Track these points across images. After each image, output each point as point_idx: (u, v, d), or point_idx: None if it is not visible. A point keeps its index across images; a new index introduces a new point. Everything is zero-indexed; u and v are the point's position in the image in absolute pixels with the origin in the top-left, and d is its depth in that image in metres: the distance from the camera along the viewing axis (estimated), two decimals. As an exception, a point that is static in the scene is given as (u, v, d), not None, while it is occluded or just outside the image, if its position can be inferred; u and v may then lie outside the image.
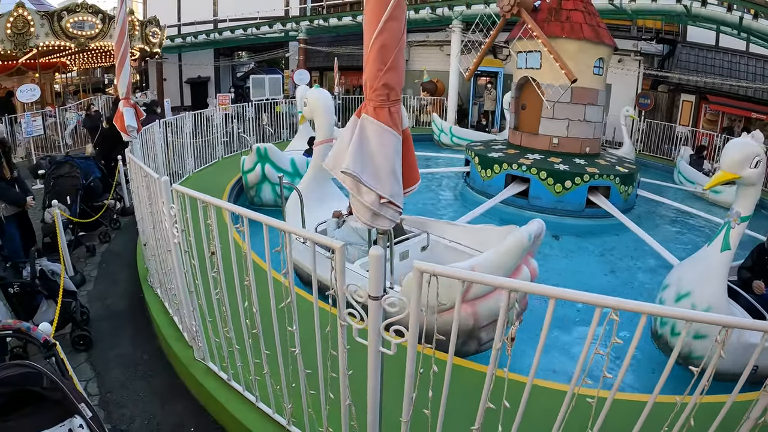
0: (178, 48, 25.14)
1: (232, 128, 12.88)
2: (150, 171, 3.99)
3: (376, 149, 1.92)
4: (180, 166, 10.01)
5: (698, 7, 14.91)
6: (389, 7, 1.81)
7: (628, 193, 9.45)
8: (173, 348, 4.23)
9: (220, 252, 3.00)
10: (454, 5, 18.64)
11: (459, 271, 1.90)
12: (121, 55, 6.13)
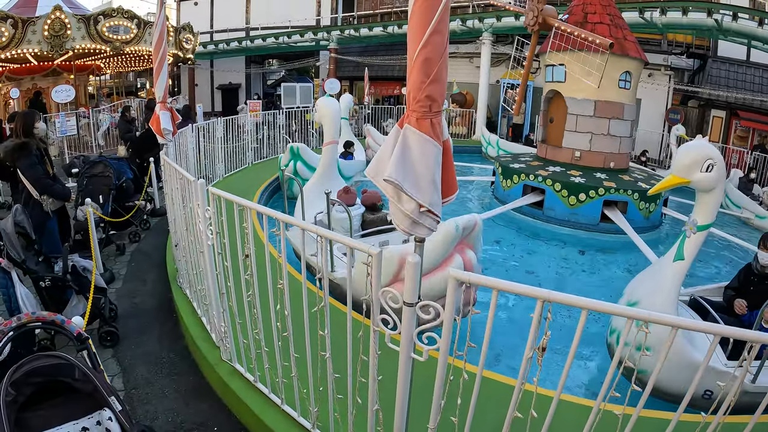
0: (210, 54, 25.62)
1: (263, 135, 13.04)
2: (186, 173, 4.08)
3: (417, 159, 1.96)
4: (210, 171, 10.18)
5: (729, 21, 14.81)
6: (434, 21, 1.86)
7: (650, 211, 9.24)
8: (200, 348, 4.28)
9: (254, 255, 3.05)
10: (485, 17, 18.75)
11: (491, 279, 1.92)
12: (159, 60, 6.25)
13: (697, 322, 1.86)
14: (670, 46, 20.01)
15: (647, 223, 9.28)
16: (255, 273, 3.09)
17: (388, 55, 23.47)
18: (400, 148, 1.96)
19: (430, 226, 2.02)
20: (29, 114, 5.61)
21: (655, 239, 9.11)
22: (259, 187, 9.67)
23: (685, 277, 4.17)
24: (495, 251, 8.40)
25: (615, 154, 9.95)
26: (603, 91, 9.61)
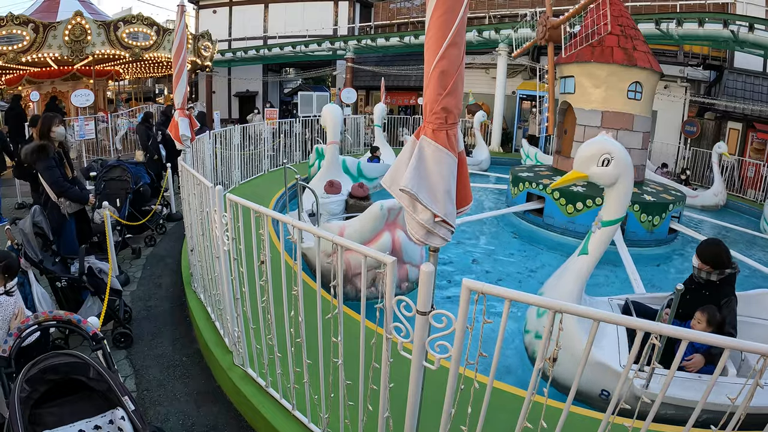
0: (228, 62, 25.87)
1: (279, 142, 13.15)
2: (204, 179, 4.13)
3: (433, 169, 1.99)
4: (227, 177, 10.28)
5: (745, 32, 14.66)
6: (450, 34, 1.90)
7: (654, 224, 9.01)
8: (213, 352, 4.32)
9: (270, 261, 3.09)
10: (501, 29, 18.75)
11: (503, 289, 1.94)
12: (179, 67, 6.36)
13: (588, 310, 1.88)
14: (686, 57, 19.87)
15: (650, 237, 9.10)
16: (270, 279, 3.13)
17: (405, 65, 23.56)
18: (417, 159, 1.99)
19: (444, 236, 2.05)
20: (48, 117, 5.70)
21: (657, 255, 8.99)
22: (275, 194, 9.73)
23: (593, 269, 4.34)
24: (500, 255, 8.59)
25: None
26: (610, 102, 9.61)
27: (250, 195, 9.46)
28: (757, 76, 18.81)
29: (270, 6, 26.95)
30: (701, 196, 13.52)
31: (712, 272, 4.15)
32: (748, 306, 4.64)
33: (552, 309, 1.83)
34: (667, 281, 7.58)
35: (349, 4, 26.07)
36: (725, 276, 4.14)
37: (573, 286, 4.23)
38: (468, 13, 9.12)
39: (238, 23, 27.38)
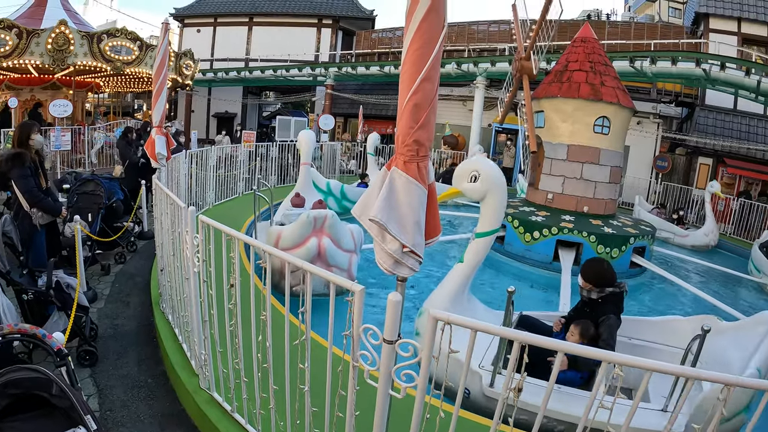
0: (208, 82, 25.88)
1: (255, 166, 13.10)
2: (177, 199, 4.11)
3: (403, 201, 2.02)
4: (201, 198, 10.20)
5: (717, 71, 15.24)
6: (425, 69, 1.95)
7: (612, 257, 9.09)
8: (179, 374, 4.24)
9: (239, 285, 3.08)
10: (480, 62, 19.14)
11: (469, 320, 1.96)
12: (159, 85, 6.36)
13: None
14: (659, 94, 20.60)
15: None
16: (239, 303, 3.11)
17: (383, 94, 23.82)
18: (387, 190, 2.02)
19: (412, 266, 2.07)
20: (26, 125, 5.62)
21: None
22: (248, 217, 9.60)
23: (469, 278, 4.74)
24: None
25: (590, 198, 10.00)
26: (576, 136, 9.82)
27: (223, 217, 9.33)
28: (728, 113, 19.55)
29: (254, 29, 27.16)
30: (692, 236, 13.55)
31: (593, 290, 4.36)
32: (656, 331, 4.93)
33: (517, 341, 1.85)
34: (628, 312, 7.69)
35: (331, 31, 26.39)
36: (606, 294, 4.33)
37: (448, 291, 4.63)
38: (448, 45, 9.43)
39: (221, 43, 27.48)
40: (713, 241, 13.45)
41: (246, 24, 27.22)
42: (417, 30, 1.99)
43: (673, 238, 13.64)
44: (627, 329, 4.95)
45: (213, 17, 27.72)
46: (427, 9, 1.95)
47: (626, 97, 10.06)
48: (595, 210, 10.02)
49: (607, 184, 10.07)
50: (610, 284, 4.35)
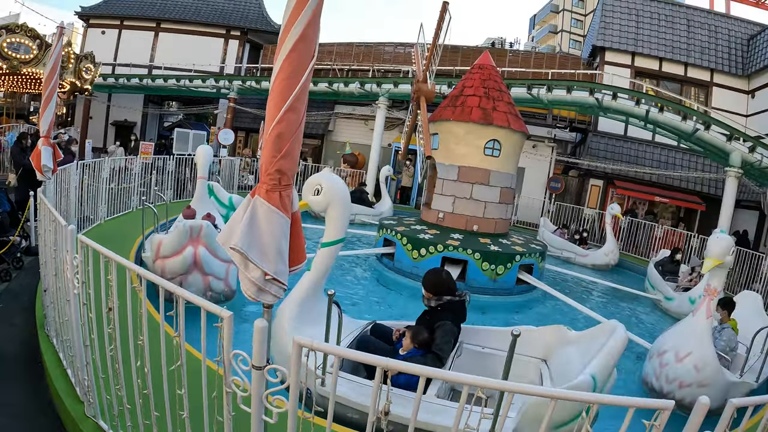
0: (109, 88, 24.42)
1: (151, 179, 12.58)
2: (58, 216, 3.92)
3: (265, 229, 2.04)
4: (93, 212, 9.69)
5: (609, 100, 16.39)
6: (290, 99, 1.98)
7: (498, 274, 9.41)
8: (64, 402, 4.02)
9: (118, 308, 2.97)
10: (383, 83, 19.45)
11: (332, 347, 2.00)
12: (48, 92, 6.05)
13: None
14: (554, 120, 21.97)
15: (495, 286, 9.44)
16: (117, 327, 3.01)
17: None
18: (249, 219, 2.04)
19: (276, 293, 2.09)
20: None
21: (518, 303, 9.55)
22: (140, 235, 8.80)
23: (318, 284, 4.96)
24: (356, 293, 8.95)
25: (479, 218, 10.35)
26: (467, 158, 10.21)
27: (115, 233, 9.04)
28: (619, 139, 21.16)
29: (160, 35, 26.11)
30: (591, 255, 14.12)
31: (432, 299, 4.72)
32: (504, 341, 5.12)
33: (380, 367, 1.91)
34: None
35: (239, 43, 25.81)
36: (444, 302, 4.68)
37: (297, 298, 4.81)
38: (354, 65, 9.70)
39: (125, 48, 26.16)
40: (613, 261, 14.07)
41: (153, 29, 26.14)
42: (285, 59, 2.02)
43: (575, 258, 14.24)
44: (481, 338, 5.37)
45: (119, 19, 26.37)
46: (297, 38, 1.99)
47: (518, 121, 10.47)
48: (485, 229, 10.36)
49: (497, 204, 10.47)
50: (448, 293, 4.69)
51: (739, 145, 14.81)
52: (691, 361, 5.46)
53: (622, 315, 9.79)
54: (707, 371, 5.40)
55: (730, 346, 6.35)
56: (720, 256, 5.58)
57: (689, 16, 22.62)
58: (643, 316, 10.06)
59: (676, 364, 5.57)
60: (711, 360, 5.43)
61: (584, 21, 53.08)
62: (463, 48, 23.47)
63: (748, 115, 20.80)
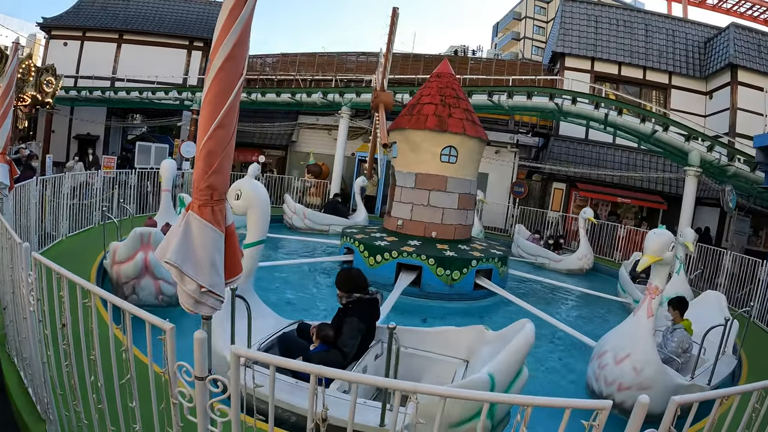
0: (71, 101, 23.98)
1: (112, 194, 12.42)
2: (13, 234, 3.93)
3: (198, 243, 2.12)
4: (54, 228, 9.53)
5: (569, 105, 16.85)
6: (219, 116, 2.06)
7: (453, 279, 9.46)
8: (26, 421, 4.00)
9: (71, 324, 3.01)
10: (345, 92, 19.56)
11: (268, 356, 2.07)
12: (4, 108, 6.00)
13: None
14: (517, 126, 22.41)
15: (451, 291, 9.49)
16: (71, 343, 3.04)
17: (249, 122, 23.46)
18: (182, 233, 2.11)
19: (213, 305, 2.17)
20: None
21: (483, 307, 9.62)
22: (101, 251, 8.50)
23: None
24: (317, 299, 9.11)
25: (437, 224, 10.47)
26: (424, 165, 10.42)
27: (77, 250, 8.95)
28: (580, 143, 21.71)
29: (123, 46, 25.69)
30: (565, 260, 14.11)
31: (344, 296, 4.95)
32: (434, 341, 5.32)
33: (313, 373, 2.00)
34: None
35: (201, 54, 25.44)
36: (354, 300, 4.90)
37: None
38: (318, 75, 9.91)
39: (87, 59, 25.57)
40: (587, 265, 14.03)
41: (115, 40, 25.65)
42: (214, 77, 2.10)
43: (549, 264, 14.25)
44: (409, 340, 5.35)
45: (82, 30, 25.81)
46: (225, 57, 2.07)
47: (475, 127, 10.57)
48: (444, 235, 10.43)
49: (456, 210, 10.56)
50: (357, 290, 4.90)
51: (698, 144, 15.32)
52: (630, 362, 5.25)
53: (593, 318, 9.91)
54: (647, 373, 5.17)
55: (683, 347, 6.17)
56: (658, 252, 5.41)
57: (647, 21, 23.33)
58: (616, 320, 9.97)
59: (614, 366, 5.39)
60: (652, 361, 5.22)
61: (546, 28, 54.02)
62: (425, 57, 23.84)
63: (707, 115, 21.55)
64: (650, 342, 5.32)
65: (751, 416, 2.96)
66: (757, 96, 16.42)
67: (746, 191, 16.63)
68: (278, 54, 25.78)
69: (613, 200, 20.31)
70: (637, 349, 5.27)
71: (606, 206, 20.54)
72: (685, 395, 2.39)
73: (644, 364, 5.18)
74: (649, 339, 5.32)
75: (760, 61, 20.02)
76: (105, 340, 2.81)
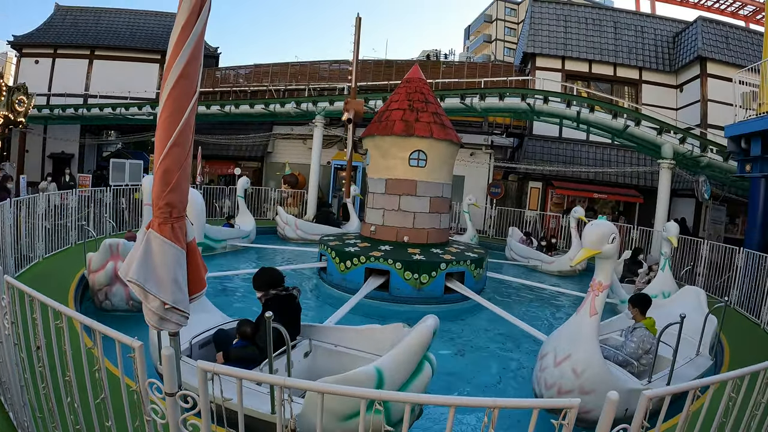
0: (44, 119, 23.73)
1: (88, 213, 12.26)
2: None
3: (159, 261, 2.16)
4: (30, 249, 9.42)
5: (541, 104, 17.08)
6: (174, 135, 2.11)
7: (422, 282, 9.43)
8: (7, 446, 4.01)
9: (45, 346, 3.02)
10: (319, 101, 19.59)
11: (234, 369, 2.12)
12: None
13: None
14: (491, 127, 22.63)
15: (420, 295, 9.46)
16: (46, 365, 3.05)
17: (224, 134, 23.49)
18: (143, 252, 2.16)
19: (178, 321, 2.21)
20: None
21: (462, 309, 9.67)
22: (81, 269, 8.65)
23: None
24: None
25: (409, 228, 10.50)
26: (393, 170, 10.52)
27: (53, 271, 8.87)
28: (554, 141, 22.08)
29: (95, 62, 25.51)
30: (557, 262, 13.92)
31: (261, 296, 5.18)
32: (358, 339, 5.42)
33: (278, 385, 2.05)
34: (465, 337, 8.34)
35: (174, 68, 25.44)
36: (270, 297, 5.11)
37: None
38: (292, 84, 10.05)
39: (59, 76, 25.30)
40: (580, 266, 13.27)
41: (87, 57, 25.48)
42: (168, 96, 2.14)
43: (541, 266, 14.22)
44: (335, 337, 5.55)
45: (53, 47, 25.62)
46: (178, 76, 2.12)
47: (444, 130, 10.53)
48: (416, 239, 10.46)
49: (427, 214, 10.57)
50: (273, 287, 5.14)
51: (670, 137, 15.60)
52: (570, 363, 4.85)
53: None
54: (588, 375, 4.75)
55: (644, 348, 5.74)
56: (596, 244, 5.02)
57: (616, 18, 23.72)
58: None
59: (554, 368, 4.99)
60: (594, 363, 4.80)
61: (517, 29, 54.65)
62: (397, 62, 24.01)
63: (678, 108, 22.01)
64: (592, 342, 4.91)
65: (728, 405, 2.99)
66: (727, 87, 16.66)
67: (720, 180, 16.94)
68: (251, 65, 25.72)
69: (590, 196, 20.61)
70: (578, 350, 4.88)
71: (583, 203, 20.70)
72: (658, 389, 2.41)
73: (585, 365, 4.79)
74: (591, 339, 4.92)
75: (728, 52, 20.46)
76: (79, 360, 2.82)
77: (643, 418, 2.29)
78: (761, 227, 11.69)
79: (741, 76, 13.16)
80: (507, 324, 8.45)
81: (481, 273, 10.48)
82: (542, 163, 20.72)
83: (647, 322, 6.01)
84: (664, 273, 9.55)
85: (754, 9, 31.06)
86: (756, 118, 11.57)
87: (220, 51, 28.07)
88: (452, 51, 57.78)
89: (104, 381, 2.57)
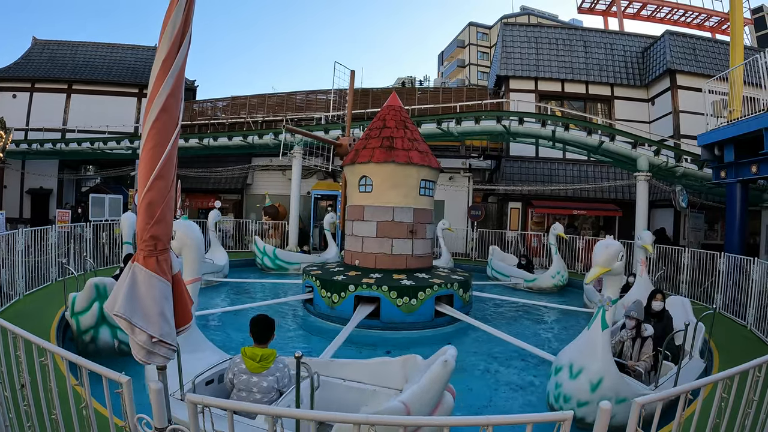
0: (22, 154, 23.47)
1: (68, 250, 12.10)
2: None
3: (145, 294, 2.18)
4: (10, 287, 9.25)
5: (516, 125, 17.39)
6: (157, 167, 2.14)
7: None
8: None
9: (30, 384, 3.00)
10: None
11: (225, 401, 2.13)
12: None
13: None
14: (468, 151, 22.90)
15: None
16: (32, 403, 3.03)
17: (204, 167, 23.35)
18: (128, 285, 2.18)
19: (166, 354, 2.22)
20: None
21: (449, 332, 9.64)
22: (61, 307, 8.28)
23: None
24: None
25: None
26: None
27: (34, 308, 8.72)
28: (531, 161, 22.45)
29: (72, 96, 25.35)
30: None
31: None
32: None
33: (270, 414, 2.06)
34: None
35: (151, 102, 25.32)
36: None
37: None
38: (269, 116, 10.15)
39: (37, 111, 25.02)
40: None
41: (65, 91, 25.36)
42: (150, 129, 2.18)
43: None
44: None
45: (30, 81, 25.43)
46: (160, 109, 2.16)
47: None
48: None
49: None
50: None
51: (645, 150, 15.91)
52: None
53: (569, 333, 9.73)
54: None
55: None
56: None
57: (586, 37, 24.28)
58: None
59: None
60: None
61: (490, 53, 55.69)
62: (373, 90, 24.35)
63: (651, 121, 22.50)
64: (606, 354, 5.24)
65: (720, 406, 3.08)
66: (697, 97, 17.06)
67: (697, 189, 17.28)
68: (228, 97, 25.83)
69: (569, 213, 20.85)
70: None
71: (563, 220, 20.96)
72: (648, 395, 2.50)
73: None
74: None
75: (696, 63, 20.99)
76: (65, 397, 2.81)
77: (636, 424, 2.36)
78: (739, 231, 11.97)
79: (710, 86, 13.52)
80: (496, 343, 8.56)
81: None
82: (521, 184, 20.94)
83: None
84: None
85: (719, 20, 32.10)
86: (727, 125, 11.90)
87: (197, 84, 28.13)
88: (427, 77, 58.39)
89: (92, 418, 2.56)
